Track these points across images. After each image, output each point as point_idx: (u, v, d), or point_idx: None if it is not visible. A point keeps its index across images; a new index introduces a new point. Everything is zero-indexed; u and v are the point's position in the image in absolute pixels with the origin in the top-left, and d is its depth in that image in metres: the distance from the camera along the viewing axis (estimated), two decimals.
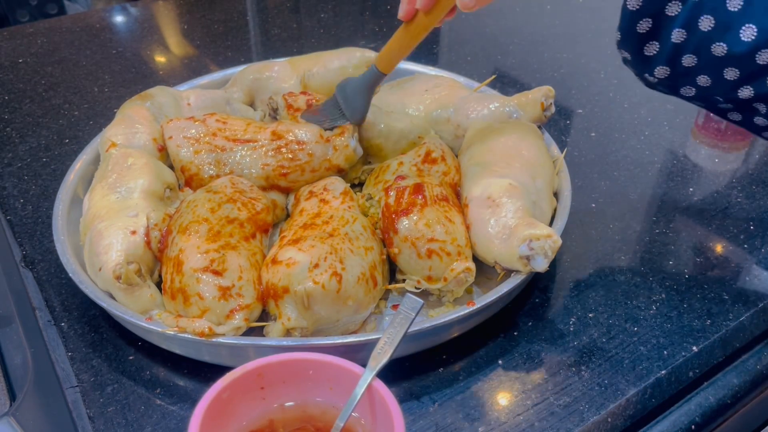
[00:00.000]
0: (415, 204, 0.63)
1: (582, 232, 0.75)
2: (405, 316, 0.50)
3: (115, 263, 0.60)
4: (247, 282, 0.59)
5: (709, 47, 0.55)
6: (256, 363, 0.48)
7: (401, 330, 0.49)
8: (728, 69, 0.55)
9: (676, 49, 0.57)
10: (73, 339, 0.63)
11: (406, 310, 0.50)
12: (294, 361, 0.49)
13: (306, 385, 0.50)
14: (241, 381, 0.47)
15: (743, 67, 0.55)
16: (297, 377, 0.49)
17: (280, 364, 0.48)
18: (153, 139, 0.75)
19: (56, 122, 0.97)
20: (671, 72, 0.58)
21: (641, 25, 0.57)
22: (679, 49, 0.57)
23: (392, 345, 0.49)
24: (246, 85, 0.89)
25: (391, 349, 0.48)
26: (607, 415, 0.56)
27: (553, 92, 0.81)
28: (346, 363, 0.48)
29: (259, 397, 0.49)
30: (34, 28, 1.25)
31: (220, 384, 0.46)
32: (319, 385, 0.50)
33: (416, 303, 0.51)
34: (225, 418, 0.47)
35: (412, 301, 0.51)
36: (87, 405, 0.57)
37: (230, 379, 0.46)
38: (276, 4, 1.39)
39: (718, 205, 0.80)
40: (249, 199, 0.67)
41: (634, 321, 0.64)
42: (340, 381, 0.48)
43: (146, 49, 1.20)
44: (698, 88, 0.59)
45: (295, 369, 0.49)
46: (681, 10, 0.55)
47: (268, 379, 0.48)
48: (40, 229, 0.77)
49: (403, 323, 0.50)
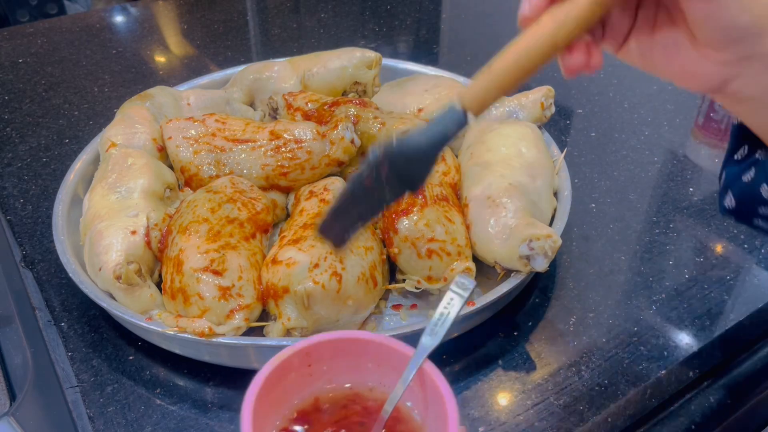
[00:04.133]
0: (415, 204, 0.63)
1: (582, 232, 0.75)
2: (457, 298, 0.49)
3: (115, 263, 0.60)
4: (247, 282, 0.59)
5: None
6: (305, 342, 0.47)
7: (453, 312, 0.48)
8: None
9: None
10: (73, 339, 0.63)
11: (457, 290, 0.49)
12: (342, 340, 0.48)
13: (354, 364, 0.49)
14: (290, 361, 0.47)
15: None
16: (345, 357, 0.48)
17: (328, 342, 0.47)
18: (153, 139, 0.75)
19: (56, 122, 0.97)
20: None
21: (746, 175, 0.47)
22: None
23: (444, 327, 0.47)
24: (246, 85, 0.89)
25: (443, 332, 0.47)
26: (607, 415, 0.56)
27: (553, 92, 0.81)
28: (397, 343, 0.47)
29: (306, 375, 0.48)
30: (34, 28, 1.25)
31: (270, 366, 0.45)
32: (367, 365, 0.49)
33: (468, 284, 0.48)
34: (274, 399, 0.46)
35: (463, 282, 0.49)
36: (87, 405, 0.57)
37: (279, 360, 0.46)
38: (276, 4, 1.39)
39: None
40: (249, 199, 0.67)
41: (634, 321, 0.64)
42: (389, 362, 0.47)
43: (146, 49, 1.20)
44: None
45: (343, 348, 0.48)
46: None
47: (316, 358, 0.48)
48: (40, 229, 0.77)
49: (455, 305, 0.48)
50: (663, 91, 1.04)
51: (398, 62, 0.98)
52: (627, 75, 1.08)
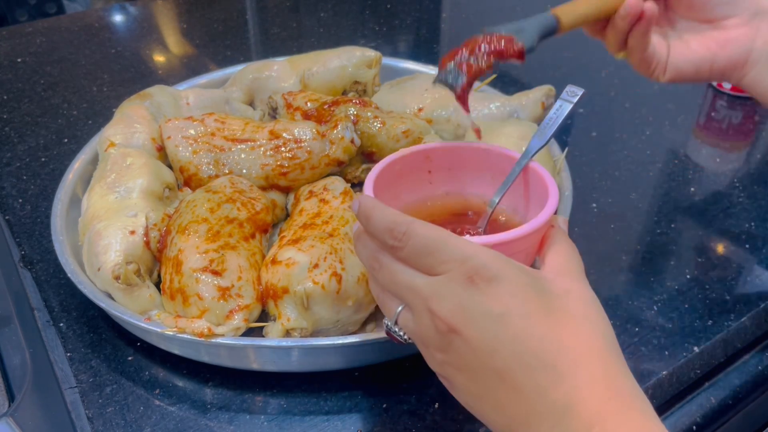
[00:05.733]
0: None
1: (582, 232, 0.75)
2: (566, 104, 0.50)
3: (114, 263, 0.60)
4: (246, 282, 0.59)
5: None
6: (425, 146, 0.49)
7: (561, 116, 0.49)
8: None
9: None
10: (72, 339, 0.63)
11: (567, 98, 0.50)
12: (459, 148, 0.49)
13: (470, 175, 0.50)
14: (410, 159, 0.48)
15: None
16: (462, 166, 0.49)
17: (445, 149, 0.49)
18: (152, 139, 0.75)
19: (55, 122, 0.97)
20: None
21: None
22: None
23: (551, 129, 0.49)
24: (245, 84, 0.89)
25: (551, 133, 0.48)
26: None
27: (553, 91, 0.81)
28: (507, 150, 0.49)
29: (426, 181, 0.49)
30: (32, 28, 1.25)
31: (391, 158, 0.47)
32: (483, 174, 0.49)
33: (578, 91, 0.50)
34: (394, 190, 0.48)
35: (573, 90, 0.50)
36: (86, 405, 0.57)
37: (400, 155, 0.47)
38: (275, 4, 1.38)
39: (720, 205, 0.80)
40: (248, 199, 0.67)
41: (635, 321, 0.64)
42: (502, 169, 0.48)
43: (145, 49, 1.20)
44: None
45: (460, 157, 0.49)
46: None
47: (435, 164, 0.49)
48: (39, 229, 0.76)
49: (564, 110, 0.49)
50: (664, 91, 1.03)
51: (398, 61, 0.98)
52: (628, 75, 1.08)
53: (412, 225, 0.38)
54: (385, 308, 0.42)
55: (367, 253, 0.42)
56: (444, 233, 0.38)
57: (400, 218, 0.39)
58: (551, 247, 0.42)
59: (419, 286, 0.38)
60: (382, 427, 0.55)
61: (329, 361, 0.58)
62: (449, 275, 0.37)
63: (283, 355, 0.57)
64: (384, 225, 0.39)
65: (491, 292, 0.36)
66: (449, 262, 0.37)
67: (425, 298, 0.38)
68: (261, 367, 0.58)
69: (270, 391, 0.58)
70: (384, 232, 0.39)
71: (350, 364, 0.59)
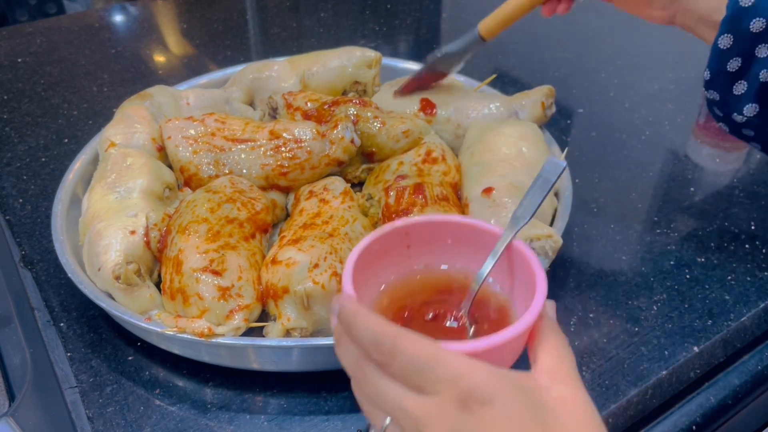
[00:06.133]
0: (416, 204, 0.63)
1: (582, 232, 0.75)
2: (545, 180, 0.49)
3: (114, 263, 0.60)
4: (246, 282, 0.59)
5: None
6: (404, 221, 0.48)
7: (542, 193, 0.48)
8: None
9: (764, 87, 0.58)
10: (72, 339, 0.63)
11: (546, 173, 0.49)
12: (438, 223, 0.48)
13: (450, 250, 0.49)
14: (390, 237, 0.47)
15: None
16: (441, 240, 0.49)
17: (425, 224, 0.48)
18: (152, 139, 0.75)
19: (55, 122, 0.97)
20: (760, 110, 0.60)
21: (731, 64, 0.59)
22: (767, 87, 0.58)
23: (532, 208, 0.48)
24: (245, 84, 0.89)
25: (531, 211, 0.48)
26: (608, 415, 0.56)
27: (553, 92, 0.81)
28: (487, 225, 0.48)
29: (405, 256, 0.49)
30: (33, 28, 1.25)
31: (370, 238, 0.46)
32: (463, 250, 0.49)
33: (558, 166, 0.49)
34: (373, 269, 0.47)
35: (553, 165, 0.49)
36: (86, 405, 0.57)
37: (379, 234, 0.46)
38: (275, 4, 1.38)
39: (720, 205, 0.80)
40: (248, 199, 0.67)
41: (635, 321, 0.64)
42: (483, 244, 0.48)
43: (145, 49, 1.20)
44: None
45: (439, 231, 0.49)
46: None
47: (414, 238, 0.48)
48: (39, 229, 0.76)
49: (544, 187, 0.49)
50: (664, 91, 1.03)
51: (398, 62, 0.98)
52: (628, 75, 1.08)
53: (398, 340, 0.36)
54: (372, 418, 0.40)
55: (349, 360, 0.40)
56: (432, 348, 0.36)
57: (386, 330, 0.36)
58: (542, 342, 0.40)
59: (409, 408, 0.36)
60: None
61: (329, 361, 0.58)
62: (441, 397, 0.35)
63: (283, 355, 0.57)
64: (368, 338, 0.37)
65: (486, 417, 0.34)
66: (440, 383, 0.35)
67: (416, 420, 0.36)
68: (261, 367, 0.58)
69: (270, 391, 0.58)
70: (368, 345, 0.37)
71: None
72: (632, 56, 1.15)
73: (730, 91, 0.61)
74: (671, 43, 1.16)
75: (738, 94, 0.60)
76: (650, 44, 1.18)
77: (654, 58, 1.13)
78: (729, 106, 0.62)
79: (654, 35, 1.20)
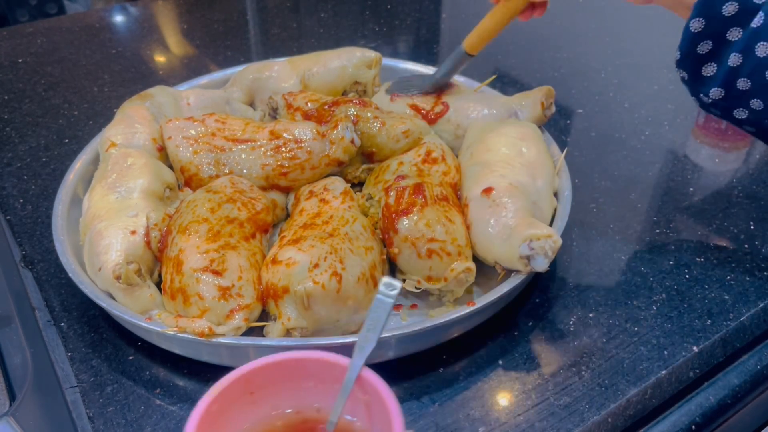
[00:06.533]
0: (415, 204, 0.63)
1: (582, 232, 0.75)
2: (385, 301, 0.48)
3: (114, 263, 0.60)
4: (246, 282, 0.59)
5: (764, 73, 0.58)
6: (241, 371, 0.46)
7: (383, 315, 0.48)
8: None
9: (732, 72, 0.59)
10: (72, 339, 0.63)
11: (385, 293, 0.48)
12: (280, 363, 0.47)
13: (298, 386, 0.48)
14: (230, 390, 0.46)
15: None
16: (287, 379, 0.48)
17: (266, 366, 0.47)
18: (152, 139, 0.75)
19: (56, 122, 0.97)
20: (726, 94, 0.61)
21: (701, 47, 0.60)
22: (735, 72, 0.59)
23: (376, 332, 0.47)
24: (246, 84, 0.89)
25: (376, 337, 0.46)
26: (607, 415, 0.56)
27: (553, 92, 0.81)
28: (337, 357, 0.46)
29: (250, 403, 0.47)
30: (33, 28, 1.25)
31: (208, 398, 0.44)
32: (311, 385, 0.48)
33: (394, 286, 0.47)
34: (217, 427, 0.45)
35: (389, 284, 0.48)
36: (87, 405, 0.57)
37: (218, 391, 0.45)
38: (276, 4, 1.39)
39: (719, 205, 0.80)
40: (249, 199, 0.67)
41: (635, 321, 0.64)
42: (331, 377, 0.47)
43: (146, 49, 1.20)
44: (751, 111, 0.61)
45: (283, 370, 0.47)
46: (741, 36, 0.58)
47: (257, 384, 0.47)
48: (40, 229, 0.76)
49: (384, 308, 0.48)
50: (663, 91, 1.03)
51: (398, 62, 0.98)
52: (628, 75, 1.08)
53: None
54: None
55: None
56: None
57: None
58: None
59: None
60: None
61: None
62: None
63: None
64: None
65: None
66: None
67: None
68: None
69: None
70: None
71: None
72: (632, 56, 1.15)
73: (699, 72, 0.62)
74: (671, 44, 1.16)
75: (707, 75, 0.61)
76: (650, 44, 1.18)
77: (654, 59, 1.13)
78: (696, 86, 0.63)
79: (654, 35, 1.21)
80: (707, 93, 0.62)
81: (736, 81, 0.59)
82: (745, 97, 0.60)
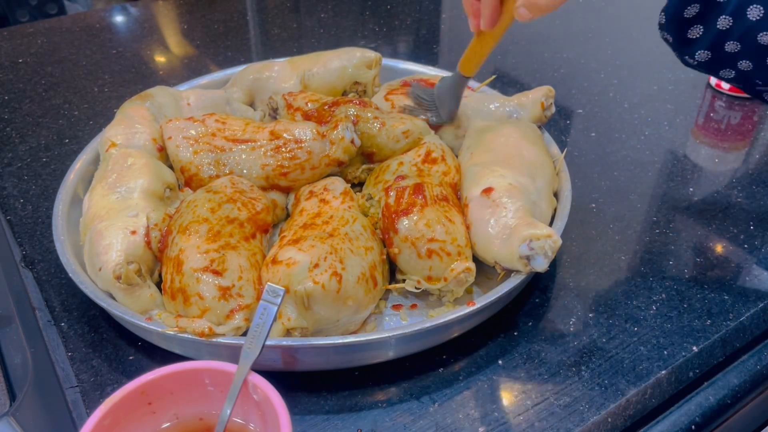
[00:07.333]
0: (415, 204, 0.63)
1: (582, 232, 0.75)
2: (268, 307, 0.49)
3: (115, 263, 0.60)
4: (247, 282, 0.59)
5: (756, 36, 0.57)
6: (134, 383, 0.47)
7: (268, 321, 0.48)
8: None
9: (720, 35, 0.58)
10: (73, 339, 0.63)
11: (268, 299, 0.49)
12: (174, 374, 0.48)
13: (197, 394, 0.49)
14: (125, 402, 0.46)
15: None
16: (184, 388, 0.48)
17: (161, 378, 0.48)
18: (153, 139, 0.75)
19: (56, 122, 0.97)
20: (712, 56, 0.60)
21: (689, 10, 0.59)
22: (724, 35, 0.58)
23: (261, 338, 0.48)
24: (246, 85, 0.89)
25: (261, 343, 0.48)
26: (607, 415, 0.56)
27: (553, 92, 0.81)
28: (224, 365, 0.48)
29: (149, 413, 0.48)
30: (34, 28, 1.25)
31: (99, 412, 0.44)
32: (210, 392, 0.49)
33: (278, 291, 0.49)
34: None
35: (273, 289, 0.49)
36: (87, 405, 0.57)
37: (109, 405, 0.45)
38: (276, 4, 1.39)
39: (719, 205, 0.80)
40: (249, 199, 0.67)
41: (634, 321, 0.64)
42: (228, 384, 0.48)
43: (146, 49, 1.20)
44: (738, 72, 0.61)
45: (179, 380, 0.48)
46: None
47: (154, 395, 0.48)
48: (40, 229, 0.77)
49: (269, 314, 0.48)
50: (663, 91, 1.04)
51: (398, 62, 0.98)
52: (627, 75, 1.08)
53: None
54: None
55: None
56: None
57: None
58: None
59: None
60: (382, 427, 0.55)
61: (330, 360, 0.58)
62: None
63: (284, 355, 0.57)
64: None
65: None
66: None
67: None
68: (261, 366, 0.58)
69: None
70: None
71: (350, 364, 0.59)
72: (632, 56, 1.15)
73: (684, 35, 0.61)
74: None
75: (693, 38, 0.60)
76: (649, 45, 1.18)
77: (653, 59, 1.13)
78: (682, 48, 0.62)
79: (653, 35, 1.20)
80: (693, 55, 0.61)
81: (725, 44, 0.58)
82: (733, 59, 0.59)
